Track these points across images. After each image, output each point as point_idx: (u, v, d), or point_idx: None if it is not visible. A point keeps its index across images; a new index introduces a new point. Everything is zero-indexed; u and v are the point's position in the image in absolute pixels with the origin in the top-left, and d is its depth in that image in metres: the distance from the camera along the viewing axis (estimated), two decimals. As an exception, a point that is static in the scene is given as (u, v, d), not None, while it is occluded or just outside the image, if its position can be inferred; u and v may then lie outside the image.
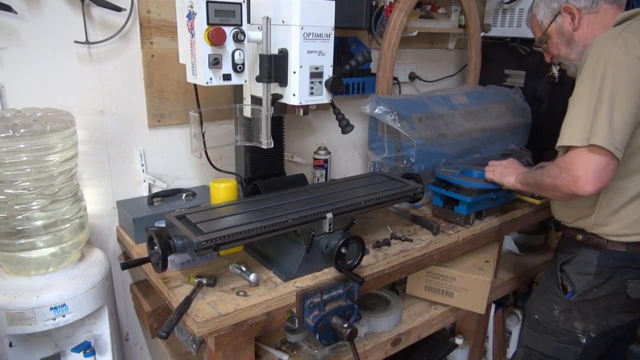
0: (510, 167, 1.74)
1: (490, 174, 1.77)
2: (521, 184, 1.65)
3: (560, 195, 1.42)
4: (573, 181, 1.32)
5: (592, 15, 1.50)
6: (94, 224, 1.66)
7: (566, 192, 1.37)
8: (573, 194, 1.35)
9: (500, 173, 1.74)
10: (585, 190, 1.31)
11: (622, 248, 1.49)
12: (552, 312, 1.59)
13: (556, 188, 1.40)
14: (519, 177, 1.66)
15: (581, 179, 1.30)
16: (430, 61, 2.49)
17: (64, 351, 1.48)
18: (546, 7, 1.57)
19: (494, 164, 1.80)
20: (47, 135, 1.28)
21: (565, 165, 1.35)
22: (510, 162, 1.78)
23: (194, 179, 1.86)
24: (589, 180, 1.30)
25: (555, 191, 1.42)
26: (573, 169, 1.32)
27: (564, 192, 1.38)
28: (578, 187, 1.32)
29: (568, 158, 1.34)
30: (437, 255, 1.73)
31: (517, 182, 1.67)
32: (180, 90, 1.71)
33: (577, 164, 1.31)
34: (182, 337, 1.68)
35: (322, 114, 2.12)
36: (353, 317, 1.37)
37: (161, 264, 1.24)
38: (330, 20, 1.37)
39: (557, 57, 1.64)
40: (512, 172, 1.71)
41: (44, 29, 1.43)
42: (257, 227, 1.30)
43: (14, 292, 1.31)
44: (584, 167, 1.30)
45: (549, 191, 1.47)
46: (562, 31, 1.56)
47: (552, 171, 1.42)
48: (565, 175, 1.35)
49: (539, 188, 1.54)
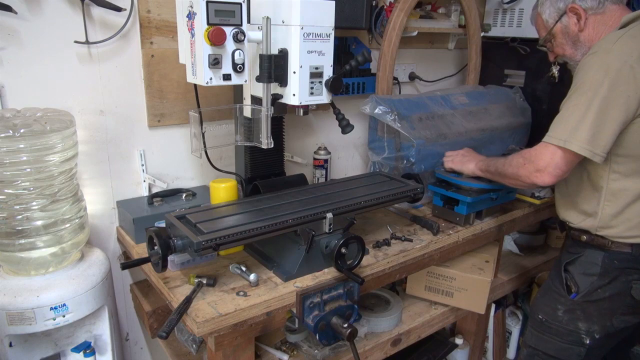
0: (468, 155, 1.81)
1: (449, 163, 1.83)
2: (481, 170, 1.71)
3: (521, 184, 1.53)
4: (535, 171, 1.43)
5: (598, 16, 1.50)
6: (94, 224, 1.66)
7: (527, 181, 1.47)
8: (533, 183, 1.46)
9: (460, 161, 1.80)
10: (545, 181, 1.42)
11: (627, 249, 1.49)
12: (556, 312, 1.59)
13: (517, 177, 1.51)
14: (478, 164, 1.73)
15: (543, 171, 1.41)
16: (430, 61, 2.49)
17: (64, 351, 1.48)
18: (552, 7, 1.56)
19: (451, 154, 1.86)
20: (47, 135, 1.28)
21: (530, 157, 1.45)
22: (467, 151, 1.85)
23: (194, 179, 1.86)
24: (549, 173, 1.41)
25: (516, 180, 1.53)
26: (537, 161, 1.43)
27: (524, 182, 1.49)
28: (538, 178, 1.43)
29: (534, 151, 1.45)
30: (437, 255, 1.73)
31: (477, 168, 1.73)
32: (180, 90, 1.71)
33: (541, 158, 1.42)
34: (182, 337, 1.68)
35: (322, 114, 2.12)
36: (353, 317, 1.37)
37: (161, 264, 1.24)
38: (330, 20, 1.37)
39: (562, 57, 1.64)
40: (470, 159, 1.77)
41: (44, 29, 1.43)
42: (257, 227, 1.30)
43: (14, 292, 1.31)
44: (546, 161, 1.40)
45: (510, 179, 1.56)
46: (567, 31, 1.56)
47: (515, 161, 1.51)
48: (529, 166, 1.45)
49: (499, 176, 1.61)
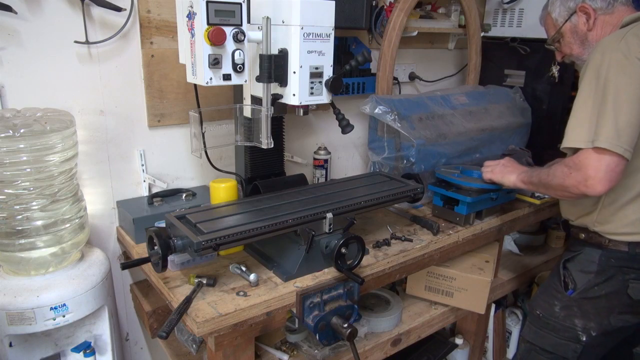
0: (510, 166, 1.73)
1: (489, 174, 1.75)
2: (524, 182, 1.63)
3: (568, 195, 1.42)
4: (584, 181, 1.32)
5: (607, 17, 1.50)
6: (94, 224, 1.66)
7: (575, 192, 1.37)
8: (583, 193, 1.35)
9: (500, 172, 1.71)
10: (596, 190, 1.31)
11: (624, 248, 1.49)
12: (553, 308, 1.59)
13: (564, 188, 1.40)
14: (520, 175, 1.64)
15: (592, 179, 1.31)
16: (430, 61, 2.49)
17: (64, 351, 1.48)
18: (562, 6, 1.57)
19: (490, 164, 1.78)
20: (47, 135, 1.28)
21: (575, 165, 1.35)
22: (509, 161, 1.76)
23: (194, 179, 1.86)
24: (600, 180, 1.30)
25: (564, 191, 1.42)
26: (584, 169, 1.32)
27: (572, 192, 1.38)
28: (588, 187, 1.32)
29: (578, 158, 1.34)
30: (437, 255, 1.72)
31: (519, 181, 1.64)
32: (180, 90, 1.71)
33: (587, 164, 1.31)
34: (182, 337, 1.68)
35: (322, 114, 2.12)
36: (353, 317, 1.37)
37: (161, 264, 1.24)
38: (330, 20, 1.37)
39: (570, 56, 1.64)
40: (512, 170, 1.69)
41: (44, 29, 1.43)
42: (257, 227, 1.30)
43: (14, 292, 1.31)
44: (595, 167, 1.30)
45: (557, 191, 1.46)
46: (576, 30, 1.56)
47: (560, 171, 1.41)
48: (575, 175, 1.35)
49: (544, 187, 1.52)
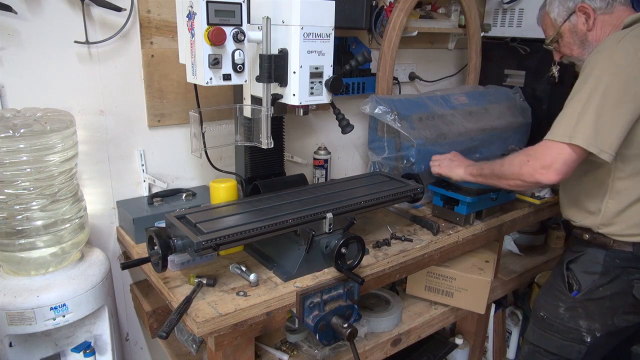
0: (456, 159, 1.75)
1: (436, 168, 1.77)
2: (472, 175, 1.64)
3: (521, 184, 1.45)
4: (539, 168, 1.36)
5: (606, 16, 1.50)
6: (94, 224, 1.66)
7: (530, 180, 1.40)
8: (537, 181, 1.39)
9: (447, 166, 1.74)
10: (550, 179, 1.35)
11: (628, 248, 1.49)
12: (557, 309, 1.59)
13: (519, 176, 1.43)
14: (468, 168, 1.66)
15: (548, 168, 1.35)
16: (430, 61, 2.49)
17: (64, 351, 1.48)
18: (561, 6, 1.56)
19: (438, 158, 1.80)
20: (47, 135, 1.28)
21: (534, 153, 1.39)
22: (455, 155, 1.79)
23: (194, 179, 1.86)
24: (556, 170, 1.34)
25: (518, 179, 1.44)
26: (542, 157, 1.36)
27: (526, 180, 1.41)
28: (543, 175, 1.36)
29: (539, 147, 1.39)
30: (437, 255, 1.72)
31: (467, 174, 1.66)
32: (180, 90, 1.71)
33: (546, 154, 1.36)
34: (182, 337, 1.68)
35: (322, 114, 2.12)
36: (353, 317, 1.37)
37: (161, 264, 1.24)
38: (330, 20, 1.37)
39: (569, 57, 1.63)
40: (458, 164, 1.71)
41: (44, 29, 1.43)
42: (257, 227, 1.30)
43: (14, 292, 1.31)
44: (553, 157, 1.34)
45: (510, 180, 1.48)
46: (575, 31, 1.55)
47: (517, 160, 1.44)
48: (533, 163, 1.38)
49: (496, 177, 1.54)
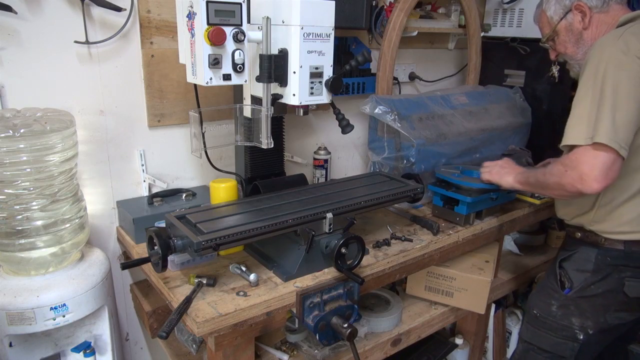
0: (507, 166, 1.72)
1: (487, 175, 1.75)
2: (520, 183, 1.62)
3: (565, 194, 1.40)
4: (579, 179, 1.31)
5: (602, 15, 1.50)
6: (94, 224, 1.66)
7: (571, 190, 1.35)
8: (579, 191, 1.33)
9: (498, 173, 1.71)
10: (593, 188, 1.29)
11: (619, 246, 1.50)
12: (550, 307, 1.60)
13: (561, 187, 1.38)
14: (517, 176, 1.64)
15: (588, 177, 1.29)
16: (430, 61, 2.49)
17: (64, 351, 1.48)
18: (557, 4, 1.56)
19: (489, 165, 1.78)
20: (47, 135, 1.28)
21: (571, 163, 1.33)
22: (507, 162, 1.75)
23: (194, 179, 1.86)
24: (596, 178, 1.28)
25: (560, 190, 1.40)
26: (580, 166, 1.30)
27: (569, 191, 1.36)
28: (584, 185, 1.30)
29: (574, 156, 1.33)
30: (437, 255, 1.72)
31: (516, 182, 1.64)
32: (180, 90, 1.71)
33: (583, 162, 1.30)
34: (182, 337, 1.68)
35: (322, 114, 2.12)
36: (353, 317, 1.37)
37: (161, 264, 1.24)
38: (330, 20, 1.37)
39: (563, 55, 1.63)
40: (509, 171, 1.69)
41: (44, 29, 1.43)
42: (257, 227, 1.30)
43: (14, 292, 1.31)
44: (590, 164, 1.29)
45: (553, 190, 1.44)
46: (571, 29, 1.55)
47: (556, 169, 1.40)
48: (571, 173, 1.33)
49: (540, 187, 1.51)
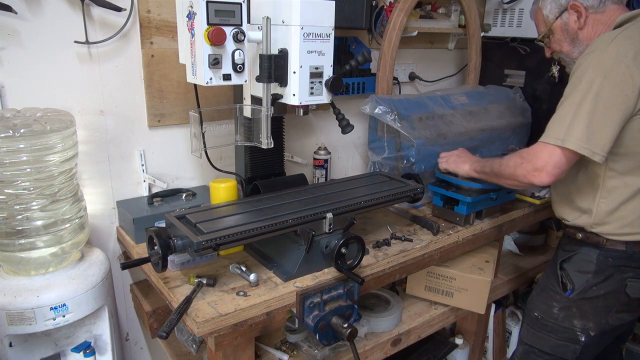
0: (463, 155, 1.79)
1: (444, 164, 1.82)
2: (476, 171, 1.69)
3: (517, 184, 1.50)
4: (532, 171, 1.41)
5: (598, 15, 1.50)
6: (94, 224, 1.66)
7: (524, 181, 1.45)
8: (530, 182, 1.43)
9: (454, 162, 1.78)
10: (543, 181, 1.40)
11: (621, 247, 1.50)
12: (552, 309, 1.60)
13: (514, 177, 1.48)
14: (473, 165, 1.71)
15: (539, 170, 1.39)
16: (430, 61, 2.49)
17: (64, 351, 1.48)
18: (553, 2, 1.57)
19: (445, 155, 1.85)
20: (47, 135, 1.28)
21: (528, 156, 1.43)
22: (462, 151, 1.83)
23: (194, 179, 1.86)
24: (547, 173, 1.38)
25: (514, 180, 1.50)
26: (535, 160, 1.41)
27: (521, 181, 1.46)
28: (535, 177, 1.40)
29: (532, 150, 1.43)
30: (437, 255, 1.73)
31: (472, 170, 1.71)
32: (180, 90, 1.71)
33: (539, 156, 1.40)
34: (182, 337, 1.68)
35: (322, 114, 2.12)
36: (353, 317, 1.37)
37: (161, 264, 1.24)
38: (330, 20, 1.37)
39: (559, 53, 1.64)
40: (465, 160, 1.75)
41: (44, 29, 1.43)
42: (257, 227, 1.30)
43: (14, 292, 1.31)
44: (544, 159, 1.38)
45: (507, 180, 1.54)
46: (567, 28, 1.56)
47: (512, 161, 1.49)
48: (526, 165, 1.43)
49: (495, 176, 1.59)
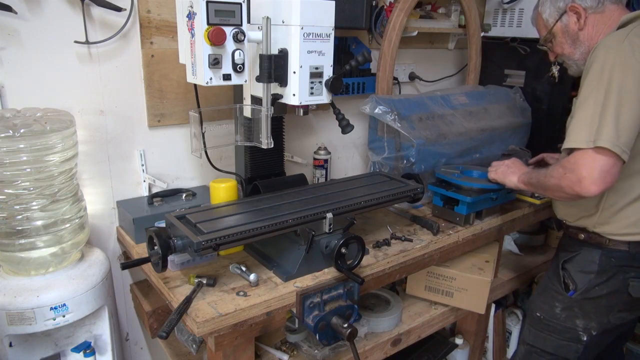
0: (513, 166, 1.74)
1: (492, 174, 1.77)
2: (524, 183, 1.64)
3: (564, 196, 1.42)
4: (578, 182, 1.32)
5: (597, 15, 1.50)
6: (94, 224, 1.66)
7: (570, 192, 1.36)
8: (577, 194, 1.34)
9: (503, 172, 1.73)
10: (590, 191, 1.31)
11: (624, 247, 1.50)
12: (554, 309, 1.59)
13: (560, 189, 1.40)
14: (521, 177, 1.66)
15: (586, 180, 1.30)
16: (430, 61, 2.49)
17: (64, 351, 1.48)
18: (552, 6, 1.57)
19: (496, 164, 1.80)
20: (47, 135, 1.28)
21: (569, 166, 1.35)
22: (513, 162, 1.77)
23: (194, 179, 1.86)
24: (594, 181, 1.29)
25: (559, 192, 1.41)
26: (578, 169, 1.32)
27: (567, 193, 1.38)
28: (583, 188, 1.31)
29: (573, 159, 1.34)
30: (437, 255, 1.72)
31: (520, 182, 1.66)
32: (180, 90, 1.71)
33: (581, 165, 1.31)
34: (182, 337, 1.68)
35: (322, 114, 2.12)
36: (353, 317, 1.37)
37: (161, 264, 1.24)
38: (330, 20, 1.37)
39: (561, 55, 1.64)
40: (514, 171, 1.70)
41: (44, 29, 1.43)
42: (257, 227, 1.30)
43: (14, 292, 1.31)
44: (588, 167, 1.30)
45: (553, 192, 1.46)
46: (567, 30, 1.56)
47: (556, 172, 1.41)
48: (570, 176, 1.34)
49: (542, 188, 1.53)
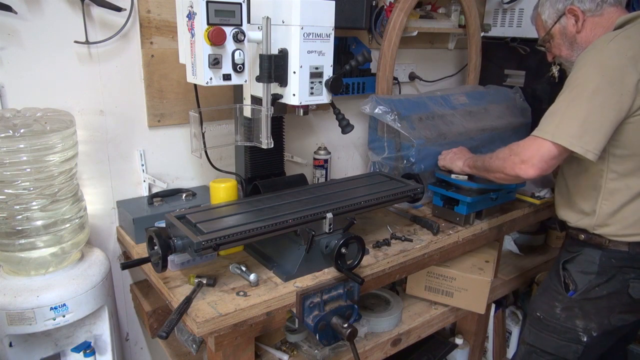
0: (459, 153, 1.86)
1: (441, 161, 1.89)
2: (469, 167, 1.75)
3: (503, 177, 1.51)
4: (520, 163, 1.41)
5: (595, 18, 1.51)
6: (94, 224, 1.66)
7: (511, 173, 1.45)
8: (517, 175, 1.44)
9: (450, 159, 1.85)
10: (528, 174, 1.40)
11: (624, 248, 1.50)
12: (554, 309, 1.59)
13: (502, 169, 1.49)
14: (466, 161, 1.77)
15: (526, 163, 1.40)
16: (430, 61, 2.49)
17: (64, 351, 1.48)
18: (551, 7, 1.58)
19: (445, 152, 1.91)
20: (47, 135, 1.28)
21: (517, 149, 1.44)
22: (460, 149, 1.89)
23: (194, 179, 1.86)
24: (533, 165, 1.39)
25: (500, 172, 1.51)
26: (523, 152, 1.41)
27: (508, 174, 1.47)
28: (521, 170, 1.41)
29: (523, 143, 1.43)
30: (437, 255, 1.73)
31: (465, 165, 1.77)
32: (180, 90, 1.71)
33: (527, 148, 1.41)
34: (182, 337, 1.68)
35: (322, 114, 2.12)
36: (353, 317, 1.37)
37: (161, 264, 1.24)
38: (330, 20, 1.37)
39: (559, 57, 1.65)
40: (460, 157, 1.81)
41: (44, 29, 1.43)
42: (257, 227, 1.30)
43: (14, 292, 1.31)
44: (532, 151, 1.39)
45: (494, 173, 1.55)
46: (565, 32, 1.57)
47: (502, 153, 1.51)
48: (514, 158, 1.44)
49: (485, 170, 1.62)
